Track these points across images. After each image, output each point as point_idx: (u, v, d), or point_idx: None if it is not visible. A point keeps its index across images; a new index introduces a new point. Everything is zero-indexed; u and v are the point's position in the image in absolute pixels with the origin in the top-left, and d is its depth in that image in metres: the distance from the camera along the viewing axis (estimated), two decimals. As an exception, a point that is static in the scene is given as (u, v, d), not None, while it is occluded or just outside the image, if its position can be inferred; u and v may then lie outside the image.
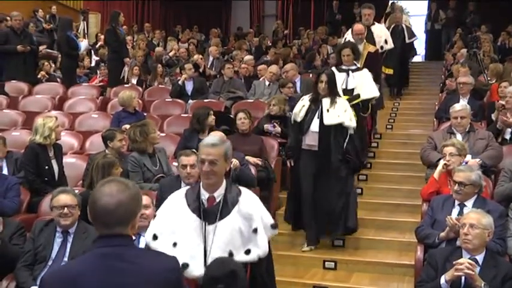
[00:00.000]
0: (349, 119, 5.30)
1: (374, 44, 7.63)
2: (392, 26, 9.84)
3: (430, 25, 14.88)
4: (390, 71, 8.73)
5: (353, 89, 6.38)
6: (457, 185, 4.25)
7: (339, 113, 5.26)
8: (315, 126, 5.30)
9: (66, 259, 3.99)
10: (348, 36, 7.59)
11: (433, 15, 14.80)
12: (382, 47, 7.82)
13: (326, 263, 5.31)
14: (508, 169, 4.79)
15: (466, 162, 4.84)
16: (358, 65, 6.61)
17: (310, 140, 5.33)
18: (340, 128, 5.27)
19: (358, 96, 6.32)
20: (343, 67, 6.46)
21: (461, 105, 5.83)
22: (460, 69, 8.04)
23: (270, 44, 13.14)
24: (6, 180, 5.04)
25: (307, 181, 5.39)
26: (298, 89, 8.25)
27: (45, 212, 4.78)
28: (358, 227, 5.61)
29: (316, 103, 5.36)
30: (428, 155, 5.52)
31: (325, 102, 5.33)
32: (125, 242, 2.04)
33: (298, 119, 5.38)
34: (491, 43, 10.69)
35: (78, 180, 5.63)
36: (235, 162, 5.06)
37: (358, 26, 7.37)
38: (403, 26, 10.07)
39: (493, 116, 6.50)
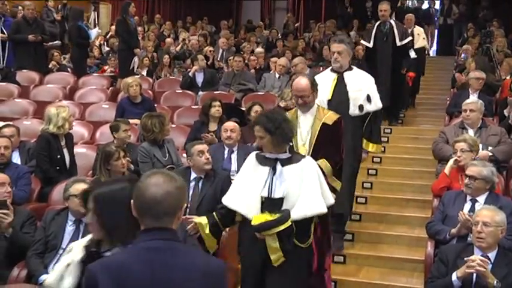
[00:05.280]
0: None
1: (347, 102, 4.99)
2: (376, 24, 7.96)
3: (443, 20, 14.81)
4: (377, 148, 5.30)
5: (281, 200, 3.50)
6: (468, 178, 4.23)
7: None
8: None
9: (77, 248, 4.00)
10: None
11: (446, 10, 14.72)
12: (361, 107, 5.00)
13: (335, 257, 5.21)
14: None
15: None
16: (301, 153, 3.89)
17: None
18: None
19: (288, 215, 3.42)
20: (267, 155, 3.64)
21: (473, 99, 5.82)
22: (470, 64, 7.98)
23: (280, 37, 13.09)
24: (17, 169, 5.06)
25: None
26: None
27: (56, 201, 4.80)
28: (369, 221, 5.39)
29: None
30: (440, 149, 5.47)
31: None
32: (174, 237, 1.99)
33: None
34: (504, 38, 10.59)
35: (88, 170, 5.64)
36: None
37: (298, 83, 4.21)
38: (392, 22, 7.91)
39: (506, 112, 6.45)
